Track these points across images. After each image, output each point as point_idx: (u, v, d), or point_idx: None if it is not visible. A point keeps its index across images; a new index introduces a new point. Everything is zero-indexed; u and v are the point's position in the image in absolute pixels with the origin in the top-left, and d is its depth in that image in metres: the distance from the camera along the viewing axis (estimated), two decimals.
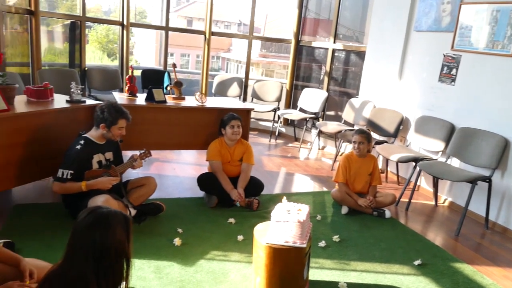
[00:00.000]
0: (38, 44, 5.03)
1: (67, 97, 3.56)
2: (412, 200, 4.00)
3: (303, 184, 4.43)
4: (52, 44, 6.18)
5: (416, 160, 4.05)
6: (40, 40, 5.06)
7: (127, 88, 4.13)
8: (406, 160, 4.07)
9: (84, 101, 3.54)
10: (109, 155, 3.15)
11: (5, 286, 1.86)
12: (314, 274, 2.65)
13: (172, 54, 5.90)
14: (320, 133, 5.74)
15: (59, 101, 3.49)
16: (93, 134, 3.05)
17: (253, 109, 4.36)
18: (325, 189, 4.28)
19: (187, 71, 12.76)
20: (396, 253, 3.04)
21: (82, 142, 2.97)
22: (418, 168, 3.98)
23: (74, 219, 2.87)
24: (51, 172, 3.23)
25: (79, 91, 3.50)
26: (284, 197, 2.46)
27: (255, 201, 3.52)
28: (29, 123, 3.08)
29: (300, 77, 6.66)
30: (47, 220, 3.01)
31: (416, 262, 2.91)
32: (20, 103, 3.23)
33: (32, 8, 4.93)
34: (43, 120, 3.18)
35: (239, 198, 3.47)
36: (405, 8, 4.70)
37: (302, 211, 2.32)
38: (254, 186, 3.65)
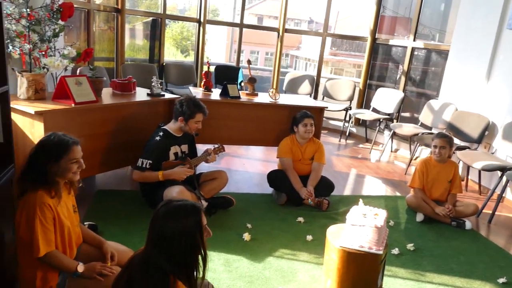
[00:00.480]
0: (122, 40, 5.32)
1: (147, 91, 3.72)
2: (496, 212, 3.69)
3: (375, 187, 4.28)
4: (132, 40, 6.52)
5: (503, 169, 3.72)
6: (125, 37, 5.35)
7: (203, 83, 4.23)
8: (491, 169, 3.76)
9: (163, 95, 3.67)
10: (185, 147, 3.25)
11: (90, 265, 1.97)
12: (387, 282, 2.53)
13: (242, 51, 5.98)
14: (394, 135, 5.50)
15: (141, 94, 3.66)
16: (171, 126, 3.16)
17: (327, 107, 4.29)
18: (398, 193, 4.09)
19: (257, 68, 12.87)
20: (478, 268, 2.81)
21: (161, 133, 3.09)
22: (505, 178, 3.65)
23: (150, 207, 3.04)
24: (131, 161, 3.40)
25: (159, 85, 3.64)
26: (361, 200, 2.38)
27: (325, 202, 3.46)
28: (114, 114, 3.26)
29: (375, 76, 6.43)
30: (126, 207, 3.17)
31: (501, 280, 2.67)
32: (107, 95, 3.43)
33: (119, 7, 5.22)
34: (126, 112, 3.35)
35: (309, 196, 3.42)
36: (498, 4, 4.32)
37: (379, 216, 2.22)
38: (325, 186, 3.59)
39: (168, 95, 3.73)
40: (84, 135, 2.97)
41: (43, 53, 2.92)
